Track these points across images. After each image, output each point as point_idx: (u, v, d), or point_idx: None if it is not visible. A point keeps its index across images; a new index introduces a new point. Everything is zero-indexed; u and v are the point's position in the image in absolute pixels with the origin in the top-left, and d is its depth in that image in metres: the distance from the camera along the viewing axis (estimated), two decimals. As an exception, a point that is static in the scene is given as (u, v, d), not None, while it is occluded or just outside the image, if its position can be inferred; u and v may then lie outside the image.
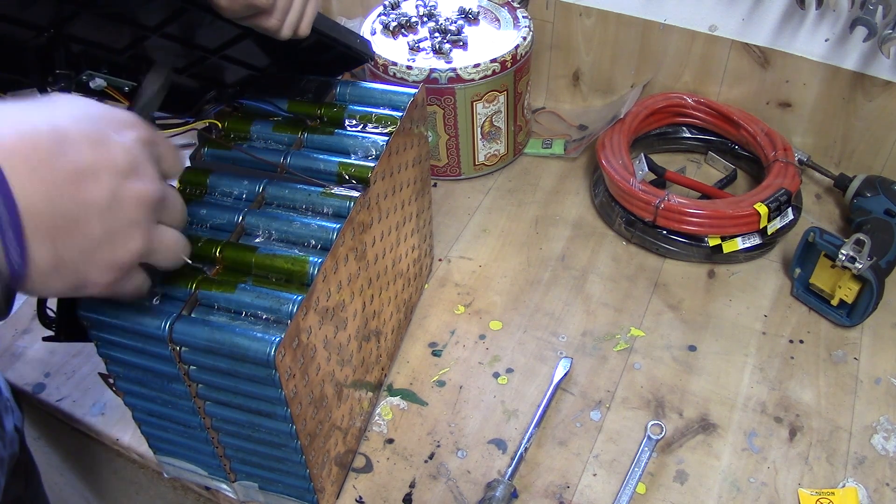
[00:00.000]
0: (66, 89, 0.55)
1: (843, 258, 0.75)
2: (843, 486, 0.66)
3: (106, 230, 0.39)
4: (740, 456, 0.69)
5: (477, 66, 0.88)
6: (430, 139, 0.95)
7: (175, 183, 0.61)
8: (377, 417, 0.73)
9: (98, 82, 0.57)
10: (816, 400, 0.73)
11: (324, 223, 0.56)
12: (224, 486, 0.65)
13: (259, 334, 0.48)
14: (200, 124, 0.64)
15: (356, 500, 0.67)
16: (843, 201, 0.91)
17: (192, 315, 0.51)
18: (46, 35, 0.53)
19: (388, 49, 0.92)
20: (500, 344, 0.79)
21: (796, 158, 0.89)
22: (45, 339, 0.55)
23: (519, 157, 1.03)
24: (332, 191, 0.58)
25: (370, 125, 0.65)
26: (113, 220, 0.39)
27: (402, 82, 0.87)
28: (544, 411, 0.71)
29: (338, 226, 0.55)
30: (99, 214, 0.38)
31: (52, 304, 0.55)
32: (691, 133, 1.00)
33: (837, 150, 0.95)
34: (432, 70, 0.88)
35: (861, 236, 0.74)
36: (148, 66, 0.59)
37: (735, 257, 0.86)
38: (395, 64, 0.89)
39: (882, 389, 0.74)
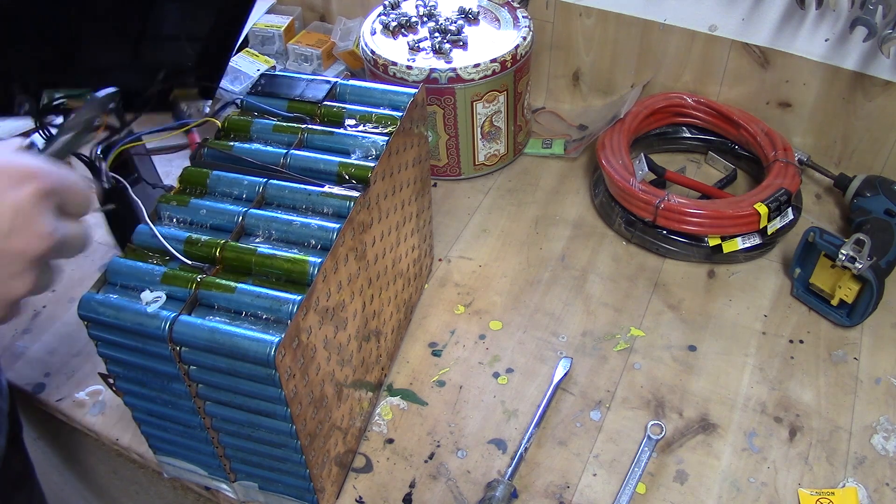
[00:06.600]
0: (30, 113, 0.59)
1: (843, 258, 0.75)
2: (843, 486, 0.66)
3: None
4: (740, 456, 0.69)
5: (477, 66, 0.88)
6: (430, 139, 0.95)
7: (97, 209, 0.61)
8: (377, 417, 0.73)
9: (58, 99, 0.59)
10: (816, 400, 0.73)
11: (324, 223, 0.56)
12: (224, 486, 0.65)
13: (259, 334, 0.48)
14: (198, 122, 0.64)
15: (356, 500, 0.67)
16: (843, 201, 0.91)
17: (192, 315, 0.51)
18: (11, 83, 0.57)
19: (388, 49, 0.92)
20: (500, 344, 0.79)
21: (796, 158, 0.89)
22: None
23: (519, 157, 1.03)
24: (332, 191, 0.58)
25: (370, 125, 0.65)
26: None
27: (402, 82, 0.87)
28: (544, 411, 0.71)
29: (338, 226, 0.55)
30: None
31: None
32: (691, 133, 1.00)
33: (837, 150, 0.95)
34: (432, 70, 0.88)
35: (861, 236, 0.74)
36: (98, 72, 0.60)
37: (735, 257, 0.86)
38: (395, 64, 0.89)
39: (882, 389, 0.74)
